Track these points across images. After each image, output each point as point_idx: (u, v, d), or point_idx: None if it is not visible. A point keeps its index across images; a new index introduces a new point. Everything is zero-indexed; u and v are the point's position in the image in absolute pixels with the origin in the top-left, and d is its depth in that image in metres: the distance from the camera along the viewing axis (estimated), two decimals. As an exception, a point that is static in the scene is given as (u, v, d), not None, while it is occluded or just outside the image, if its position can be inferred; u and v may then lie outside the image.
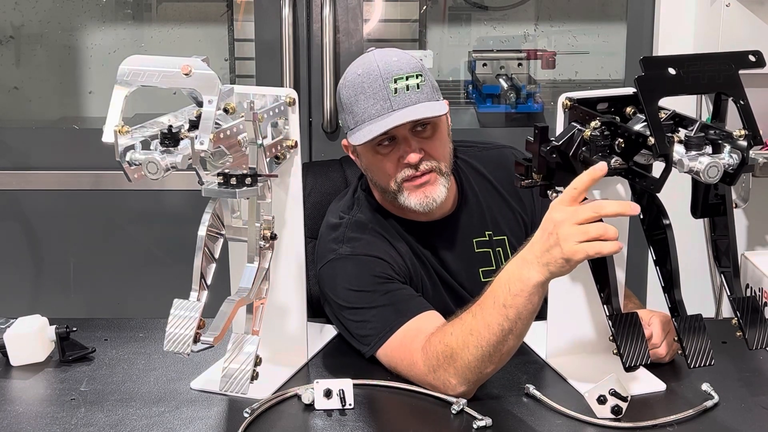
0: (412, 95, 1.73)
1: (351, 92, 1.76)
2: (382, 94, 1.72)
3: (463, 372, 1.53)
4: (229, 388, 1.43)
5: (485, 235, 1.90)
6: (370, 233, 1.81)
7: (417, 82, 1.74)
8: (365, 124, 1.74)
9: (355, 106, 1.75)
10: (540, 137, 1.52)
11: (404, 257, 1.81)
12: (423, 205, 1.77)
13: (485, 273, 1.87)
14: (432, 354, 1.57)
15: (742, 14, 2.57)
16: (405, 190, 1.77)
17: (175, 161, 1.40)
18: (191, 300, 1.46)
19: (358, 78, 1.75)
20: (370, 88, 1.73)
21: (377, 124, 1.72)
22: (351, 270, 1.75)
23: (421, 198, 1.77)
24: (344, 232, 1.81)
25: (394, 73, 1.73)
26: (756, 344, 1.47)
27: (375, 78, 1.73)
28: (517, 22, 3.26)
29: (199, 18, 3.35)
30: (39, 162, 2.85)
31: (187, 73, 1.41)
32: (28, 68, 3.31)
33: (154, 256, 2.90)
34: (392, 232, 1.84)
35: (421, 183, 1.76)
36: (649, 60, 1.41)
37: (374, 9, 3.01)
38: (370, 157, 1.79)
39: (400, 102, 1.72)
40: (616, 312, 1.48)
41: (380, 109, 1.73)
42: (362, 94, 1.74)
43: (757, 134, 1.39)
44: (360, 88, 1.74)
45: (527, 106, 2.94)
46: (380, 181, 1.80)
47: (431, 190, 1.77)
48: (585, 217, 1.40)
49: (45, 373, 1.70)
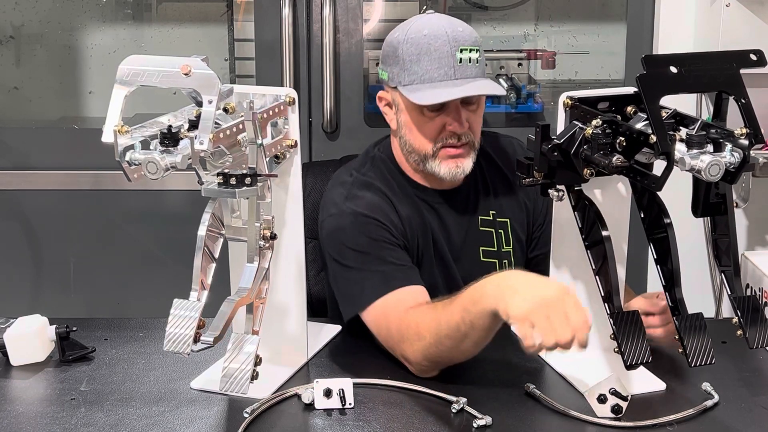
0: (473, 69, 1.79)
1: (414, 50, 1.79)
2: (447, 61, 1.77)
3: (424, 352, 1.61)
4: (229, 388, 1.43)
5: (489, 215, 1.93)
6: (374, 192, 1.86)
7: (477, 56, 1.81)
8: (425, 84, 1.78)
9: (416, 65, 1.78)
10: (541, 136, 1.52)
11: (404, 221, 1.85)
12: (452, 174, 1.83)
13: (485, 252, 1.92)
14: (405, 327, 1.64)
15: (742, 14, 2.57)
16: (439, 157, 1.82)
17: (175, 161, 1.40)
18: (191, 300, 1.46)
19: (425, 39, 1.79)
20: (437, 52, 1.78)
21: (445, 90, 1.77)
22: (350, 228, 1.79)
23: (452, 167, 1.82)
24: (350, 189, 1.86)
25: (460, 43, 1.78)
26: (756, 343, 1.47)
27: (443, 43, 1.78)
28: (517, 22, 3.25)
29: (199, 18, 3.34)
30: (39, 162, 2.85)
31: (187, 73, 1.41)
32: (28, 68, 3.31)
33: (154, 256, 2.90)
34: (400, 194, 1.88)
35: (457, 154, 1.82)
36: (651, 58, 1.41)
37: (374, 9, 3.01)
38: (416, 116, 1.82)
39: (462, 72, 1.78)
40: (617, 310, 1.48)
41: (443, 75, 1.77)
42: (427, 56, 1.78)
43: (759, 132, 1.39)
44: (425, 49, 1.78)
45: (527, 106, 2.94)
46: (415, 142, 1.84)
47: (462, 162, 1.83)
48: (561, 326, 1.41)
49: (45, 372, 1.70)
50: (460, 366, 1.69)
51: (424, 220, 1.88)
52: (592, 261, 1.54)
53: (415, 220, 1.86)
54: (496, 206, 1.94)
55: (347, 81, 2.73)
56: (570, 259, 1.69)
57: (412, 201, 1.88)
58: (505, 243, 1.93)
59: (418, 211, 1.87)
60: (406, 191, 1.88)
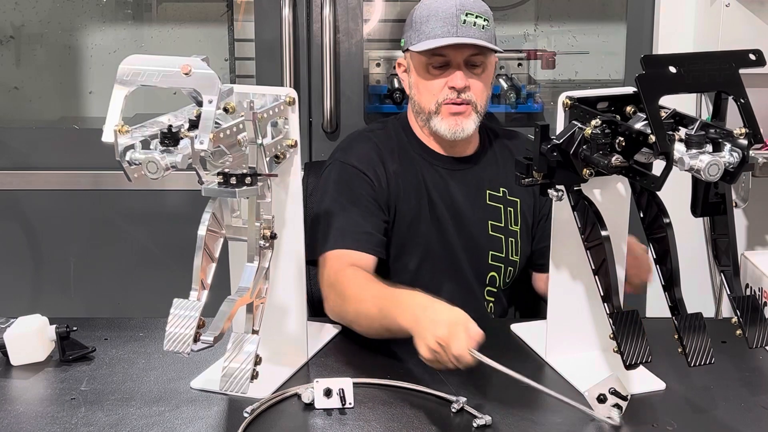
0: (477, 31, 1.91)
1: (424, 13, 1.93)
2: (451, 21, 1.90)
3: (338, 309, 1.78)
4: (229, 388, 1.43)
5: (499, 191, 2.01)
6: (368, 146, 1.99)
7: (484, 23, 1.92)
8: (429, 40, 1.90)
9: (424, 25, 1.92)
10: (540, 136, 1.52)
11: (390, 177, 1.95)
12: (452, 131, 1.93)
13: (493, 227, 2.00)
14: (336, 281, 1.78)
15: (742, 14, 2.56)
16: (441, 113, 1.93)
17: (175, 161, 1.40)
18: (191, 299, 1.46)
19: (436, 3, 1.93)
20: (443, 13, 1.91)
21: (442, 40, 1.89)
22: (336, 176, 1.95)
23: (452, 124, 1.93)
24: (350, 142, 2.03)
25: (467, 8, 1.91)
26: (756, 343, 1.47)
27: (450, 6, 1.91)
28: (517, 22, 3.25)
29: (199, 18, 3.34)
30: (39, 162, 2.85)
31: (187, 72, 1.41)
32: (28, 68, 3.31)
33: (154, 256, 2.90)
34: (398, 151, 1.99)
35: (457, 111, 1.92)
36: (650, 58, 1.41)
37: (374, 9, 3.01)
38: (422, 73, 1.94)
39: (464, 32, 1.89)
40: (617, 310, 1.48)
41: (446, 32, 1.89)
42: (434, 17, 1.91)
43: (758, 132, 1.39)
44: (433, 11, 1.92)
45: (527, 106, 2.94)
46: (421, 99, 1.95)
47: (463, 120, 1.93)
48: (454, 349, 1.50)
49: (45, 372, 1.70)
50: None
51: (421, 180, 1.97)
52: (592, 261, 1.54)
53: (407, 177, 1.96)
54: (508, 185, 2.01)
55: (347, 81, 2.72)
56: (569, 259, 1.69)
57: (411, 160, 1.98)
58: (513, 222, 2.01)
59: (414, 170, 1.98)
60: (407, 151, 2.00)
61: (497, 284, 2.03)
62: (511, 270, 2.03)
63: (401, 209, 1.97)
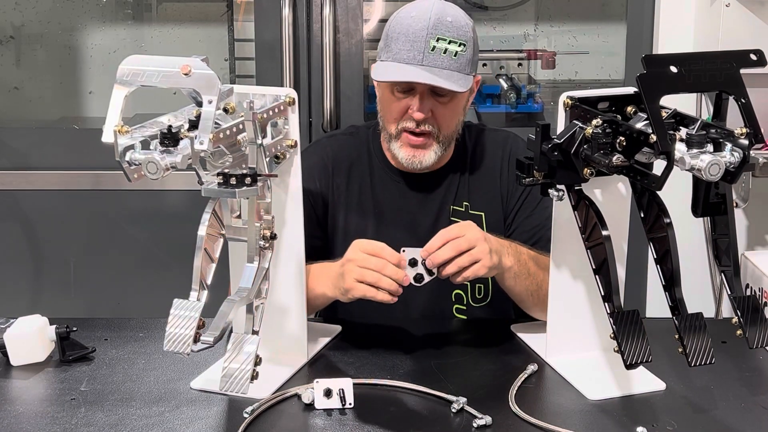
0: (445, 60, 1.77)
1: (397, 28, 1.81)
2: (419, 46, 1.76)
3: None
4: (229, 388, 1.42)
5: (462, 206, 1.94)
6: (316, 158, 1.95)
7: (457, 50, 1.78)
8: (392, 63, 1.79)
9: (393, 44, 1.80)
10: (541, 135, 1.52)
11: (332, 193, 1.93)
12: (409, 162, 1.86)
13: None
14: None
15: (742, 14, 2.57)
16: (400, 140, 1.85)
17: (175, 161, 1.40)
18: (191, 300, 1.46)
19: (409, 20, 1.79)
20: (413, 34, 1.77)
21: (400, 70, 1.77)
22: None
23: (410, 156, 1.85)
24: (308, 149, 2.00)
25: (440, 32, 1.77)
26: (756, 343, 1.46)
27: (422, 28, 1.77)
28: (517, 22, 3.26)
29: (199, 18, 3.35)
30: (39, 162, 2.85)
31: (187, 73, 1.40)
32: (28, 68, 3.32)
33: (154, 256, 2.90)
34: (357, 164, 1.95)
35: (416, 144, 1.84)
36: (651, 58, 1.41)
37: (374, 9, 3.01)
38: (386, 95, 1.85)
39: (431, 61, 1.76)
40: (617, 309, 1.48)
41: (411, 58, 1.77)
42: (403, 36, 1.78)
43: (759, 132, 1.39)
44: (405, 29, 1.79)
45: (527, 106, 2.95)
46: (383, 119, 1.89)
47: (421, 153, 1.84)
48: (368, 264, 1.61)
49: (45, 373, 1.70)
50: (461, 366, 1.70)
51: (369, 197, 1.93)
52: (592, 261, 1.54)
53: (353, 193, 1.93)
54: (472, 199, 1.94)
55: (347, 81, 2.73)
56: (570, 259, 1.68)
57: (366, 175, 1.94)
58: None
59: (366, 186, 1.93)
60: (365, 164, 1.95)
61: (465, 302, 1.95)
62: (481, 287, 1.94)
63: (340, 225, 1.92)
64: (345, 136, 2.03)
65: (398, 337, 1.84)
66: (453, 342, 1.83)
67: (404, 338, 1.83)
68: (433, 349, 1.77)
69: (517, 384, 1.60)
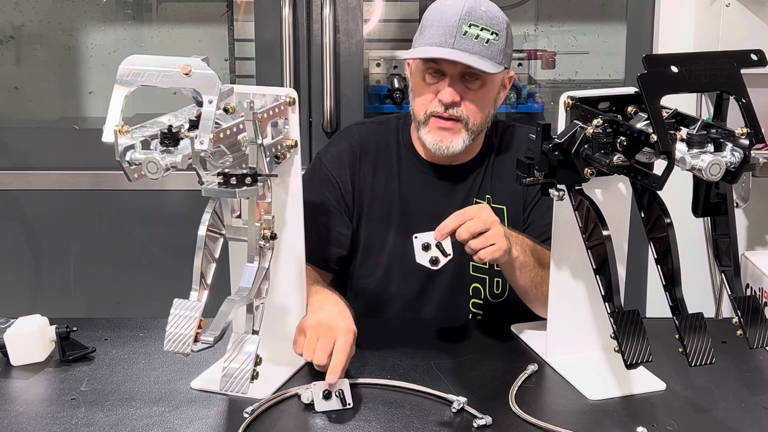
0: (476, 45, 1.79)
1: (432, 16, 1.84)
2: (451, 31, 1.79)
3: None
4: (229, 388, 1.42)
5: (484, 198, 1.95)
6: (345, 144, 1.97)
7: (489, 37, 1.80)
8: (424, 46, 1.82)
9: (426, 29, 1.83)
10: (542, 135, 1.52)
11: (359, 181, 1.94)
12: (436, 146, 1.85)
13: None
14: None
15: (742, 14, 2.57)
16: (429, 125, 1.85)
17: (175, 161, 1.40)
18: (191, 300, 1.46)
19: (444, 8, 1.83)
20: (446, 20, 1.80)
21: (430, 50, 1.80)
22: (309, 177, 1.95)
23: (437, 140, 1.85)
24: (338, 136, 2.03)
25: (473, 18, 1.80)
26: (756, 343, 1.46)
27: (455, 14, 1.80)
28: (517, 22, 3.26)
29: (199, 18, 3.35)
30: (39, 162, 2.85)
31: (187, 72, 1.40)
32: (28, 68, 3.32)
33: (154, 256, 2.90)
34: (383, 154, 1.96)
35: (444, 127, 1.84)
36: (652, 58, 1.41)
37: (374, 9, 3.01)
38: (418, 80, 1.87)
39: (462, 45, 1.78)
40: (618, 309, 1.48)
41: (442, 41, 1.79)
42: (437, 22, 1.81)
43: (759, 132, 1.39)
44: (439, 15, 1.82)
45: (527, 106, 2.94)
46: (414, 105, 1.89)
47: (449, 138, 1.85)
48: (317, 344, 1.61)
49: (45, 372, 1.70)
50: (461, 366, 1.70)
51: (396, 186, 1.94)
52: (593, 260, 1.54)
53: (379, 182, 1.94)
54: (494, 193, 1.95)
55: (347, 81, 2.73)
56: (570, 259, 1.68)
57: (393, 164, 1.95)
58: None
59: (392, 175, 1.94)
60: (393, 154, 1.96)
61: (482, 296, 1.97)
62: (499, 281, 1.96)
63: (366, 213, 1.94)
64: (375, 124, 2.04)
65: (398, 337, 1.84)
66: (453, 342, 1.83)
67: (404, 338, 1.83)
68: (433, 349, 1.77)
69: (517, 384, 1.60)
